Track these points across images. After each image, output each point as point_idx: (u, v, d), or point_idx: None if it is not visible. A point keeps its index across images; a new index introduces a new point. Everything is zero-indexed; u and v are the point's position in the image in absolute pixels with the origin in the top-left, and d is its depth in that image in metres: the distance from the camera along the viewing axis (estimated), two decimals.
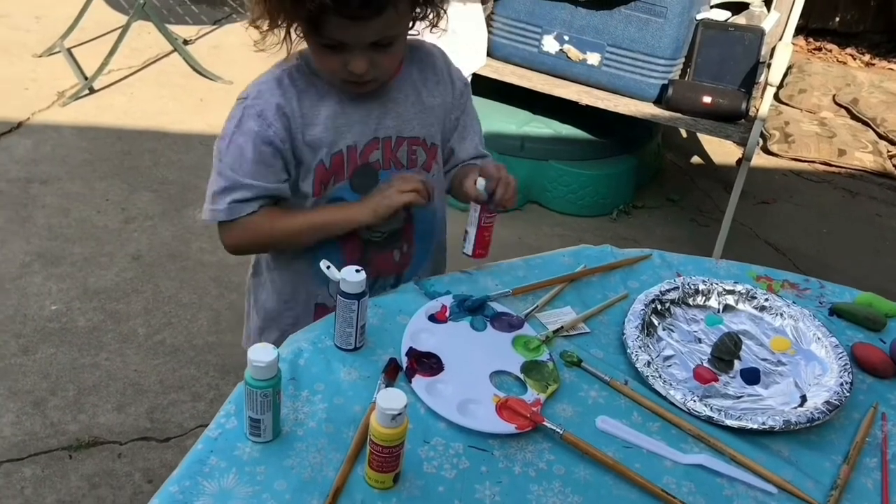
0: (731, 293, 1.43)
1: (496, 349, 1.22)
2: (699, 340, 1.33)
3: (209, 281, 2.57)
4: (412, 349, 1.18)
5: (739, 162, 2.86)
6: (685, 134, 4.02)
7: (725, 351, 1.29)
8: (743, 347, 1.31)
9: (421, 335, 1.21)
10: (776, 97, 4.30)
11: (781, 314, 1.39)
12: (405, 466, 0.99)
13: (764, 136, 4.00)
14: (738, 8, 3.11)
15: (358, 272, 1.12)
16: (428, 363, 1.16)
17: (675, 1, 2.80)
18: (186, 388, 2.17)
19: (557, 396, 1.15)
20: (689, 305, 1.41)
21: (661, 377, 1.20)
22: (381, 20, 1.13)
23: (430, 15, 1.23)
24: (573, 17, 2.95)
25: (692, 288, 1.42)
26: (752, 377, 1.26)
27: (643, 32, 2.87)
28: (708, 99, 2.86)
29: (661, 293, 1.38)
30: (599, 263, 1.47)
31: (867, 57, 5.36)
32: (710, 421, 1.14)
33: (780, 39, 2.87)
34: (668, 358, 1.28)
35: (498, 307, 1.30)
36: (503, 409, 1.10)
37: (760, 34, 2.90)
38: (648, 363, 1.22)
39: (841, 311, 1.44)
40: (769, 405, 1.20)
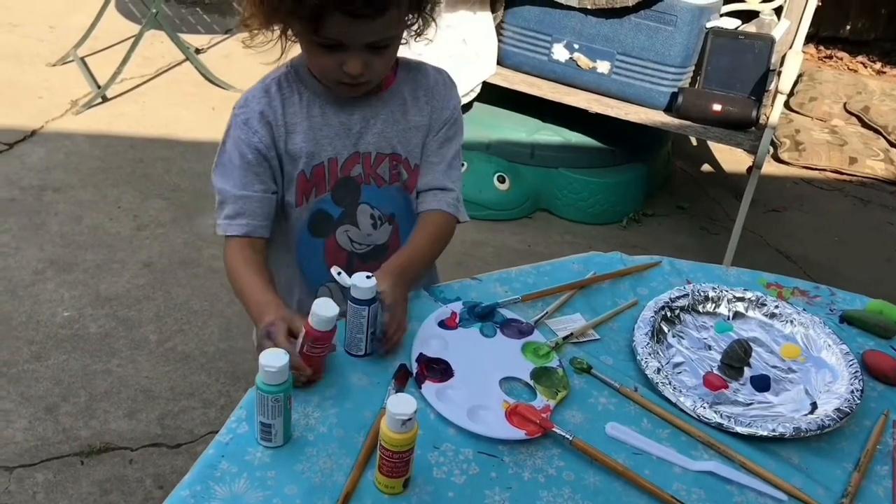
0: (741, 300, 1.42)
1: (506, 355, 1.23)
2: (709, 347, 1.33)
3: (220, 288, 2.58)
4: (422, 355, 1.18)
5: (750, 170, 2.86)
6: (695, 142, 4.02)
7: (735, 358, 1.29)
8: (753, 354, 1.31)
9: (431, 341, 1.22)
10: (787, 105, 4.30)
11: (792, 321, 1.39)
12: (415, 472, 1.00)
13: (774, 144, 4.00)
14: (748, 16, 3.12)
15: (368, 278, 1.13)
16: (438, 369, 1.17)
17: (685, 9, 2.81)
18: (197, 394, 2.18)
19: (567, 403, 1.16)
20: (698, 312, 1.41)
21: (670, 384, 1.20)
22: (382, 20, 1.14)
23: (418, 22, 1.23)
24: (583, 25, 2.95)
25: (702, 295, 1.42)
26: (762, 384, 1.26)
27: (653, 40, 2.87)
28: (718, 107, 2.86)
29: (670, 300, 1.38)
30: (609, 270, 1.47)
31: (878, 65, 5.34)
32: (720, 428, 1.14)
33: (790, 47, 2.87)
34: (677, 365, 1.28)
35: (508, 313, 1.31)
36: (513, 415, 1.10)
37: (771, 42, 2.90)
38: (658, 370, 1.22)
39: (851, 318, 1.44)
40: (779, 412, 1.20)
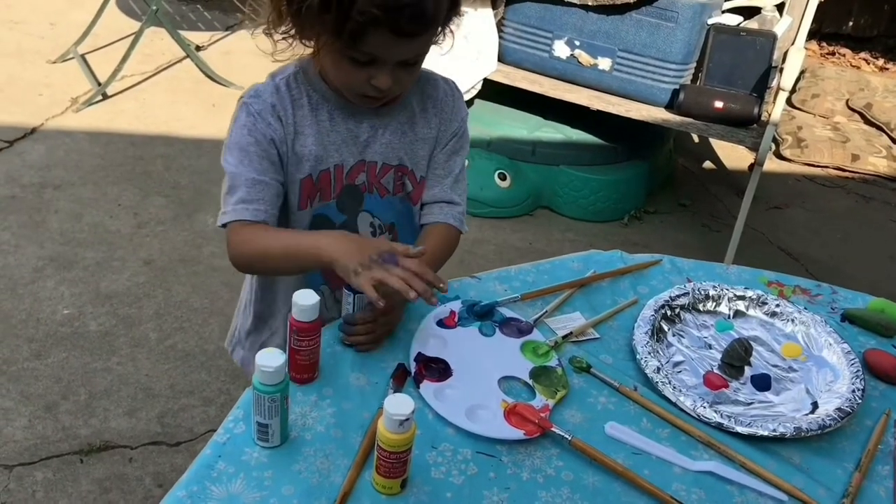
0: (741, 299, 1.42)
1: (505, 354, 1.22)
2: (709, 346, 1.32)
3: (220, 286, 2.58)
4: (420, 354, 1.18)
5: (752, 167, 2.85)
6: (697, 139, 4.01)
7: (736, 357, 1.28)
8: (754, 353, 1.30)
9: (429, 340, 1.21)
10: (789, 102, 4.28)
11: (793, 320, 1.39)
12: (413, 472, 0.99)
13: (776, 140, 3.98)
14: (750, 12, 3.10)
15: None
16: (436, 368, 1.16)
17: (686, 5, 2.80)
18: (197, 392, 2.18)
19: (566, 402, 1.15)
20: (699, 311, 1.40)
21: (670, 383, 1.19)
22: (423, 38, 1.13)
23: (441, 36, 1.21)
24: (584, 22, 2.94)
25: (702, 293, 1.41)
26: (762, 383, 1.25)
27: (654, 37, 2.86)
28: (720, 104, 2.85)
29: (671, 298, 1.37)
30: (609, 269, 1.47)
31: (881, 61, 5.33)
32: (720, 427, 1.14)
33: (792, 44, 2.86)
34: (677, 364, 1.27)
35: (507, 312, 1.30)
36: (511, 414, 1.10)
37: (773, 38, 2.88)
38: (658, 369, 1.21)
39: (853, 317, 1.43)
40: (780, 412, 1.20)
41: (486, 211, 3.07)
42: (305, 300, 1.05)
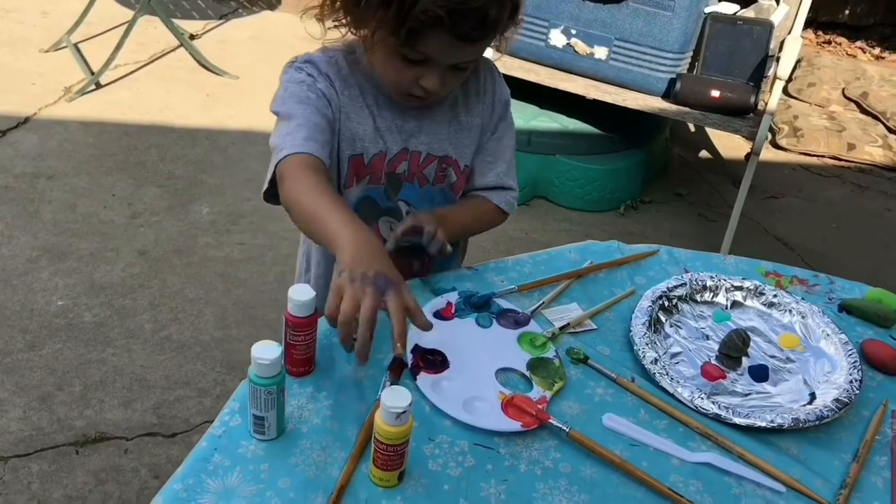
0: (739, 289, 1.41)
1: (502, 346, 1.22)
2: (707, 337, 1.32)
3: (215, 276, 2.57)
4: (417, 346, 1.17)
5: (748, 156, 2.84)
6: (693, 128, 4.00)
7: (733, 348, 1.28)
8: (751, 344, 1.30)
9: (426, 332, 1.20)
10: (785, 91, 4.28)
11: (790, 310, 1.38)
12: (410, 464, 0.99)
13: (773, 130, 3.98)
14: (746, 1, 3.09)
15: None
16: (433, 360, 1.16)
17: None
18: (193, 383, 2.17)
19: (563, 394, 1.15)
20: (696, 302, 1.39)
21: (668, 374, 1.19)
22: (481, 44, 1.12)
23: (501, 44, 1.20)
24: (580, 10, 2.93)
25: (700, 284, 1.41)
26: (760, 374, 1.25)
27: (651, 26, 2.85)
28: (716, 93, 2.84)
29: (668, 289, 1.37)
30: (606, 259, 1.46)
31: (877, 50, 5.32)
32: (717, 419, 1.13)
33: (789, 33, 2.85)
34: (675, 355, 1.27)
35: (504, 304, 1.30)
36: (509, 406, 1.09)
37: (769, 27, 2.87)
38: (655, 360, 1.21)
39: (850, 307, 1.43)
40: (778, 403, 1.19)
41: None
42: (301, 295, 1.05)
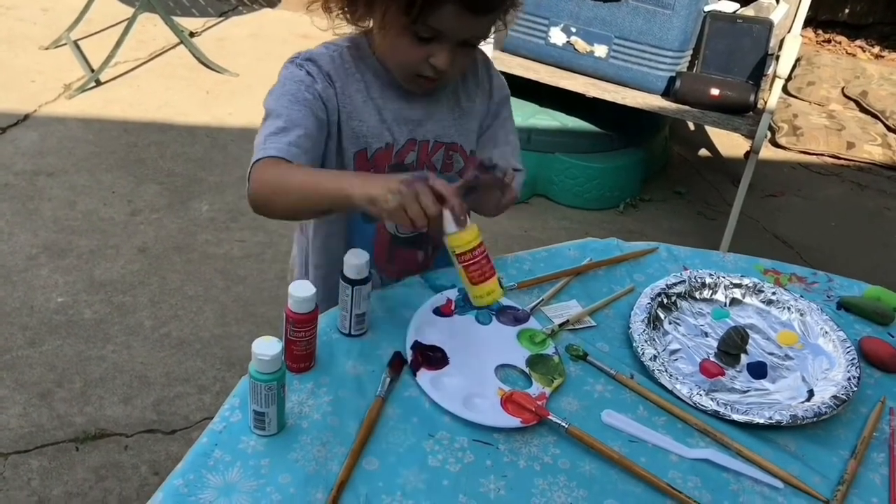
0: (738, 287, 1.42)
1: (501, 343, 1.22)
2: (706, 334, 1.32)
3: (215, 273, 2.57)
4: (417, 343, 1.17)
5: (747, 155, 2.85)
6: (693, 126, 4.00)
7: (732, 345, 1.28)
8: (750, 341, 1.30)
9: (426, 329, 1.21)
10: (784, 89, 4.28)
11: (789, 308, 1.39)
12: (408, 460, 0.99)
13: (772, 128, 3.98)
14: None
15: (359, 257, 1.12)
16: (433, 357, 1.16)
17: None
18: (192, 380, 2.17)
19: (563, 390, 1.15)
20: (695, 299, 1.40)
21: (667, 371, 1.19)
22: (490, 17, 1.14)
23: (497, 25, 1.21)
24: (580, 8, 2.93)
25: (699, 281, 1.41)
26: (758, 371, 1.25)
27: (651, 24, 2.85)
28: (716, 91, 2.85)
29: (667, 286, 1.37)
30: (605, 257, 1.47)
31: (877, 49, 5.32)
32: (716, 415, 1.14)
33: (788, 31, 2.85)
34: (674, 352, 1.27)
35: (503, 301, 1.30)
36: (508, 402, 1.10)
37: (769, 26, 2.88)
38: (654, 357, 1.21)
39: (849, 304, 1.44)
40: (776, 399, 1.20)
41: None
42: (302, 292, 1.05)
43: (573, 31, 2.97)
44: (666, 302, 1.36)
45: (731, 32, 2.89)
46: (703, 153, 3.88)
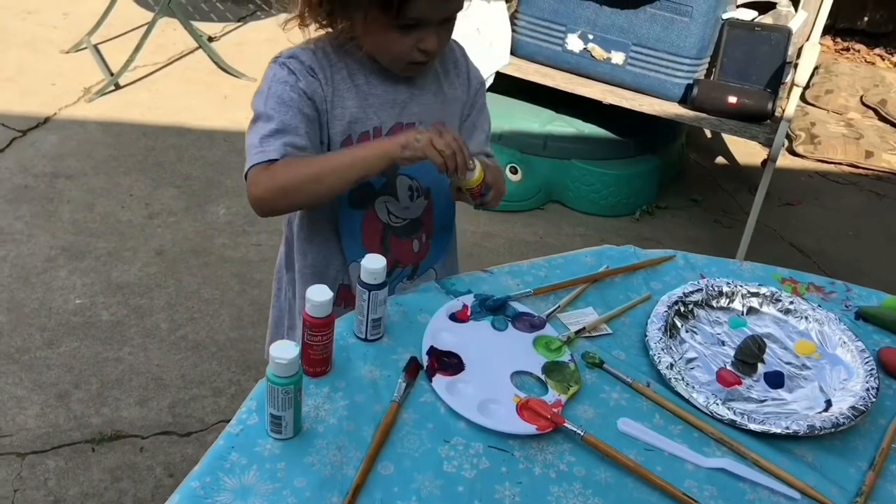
0: (755, 295, 1.41)
1: (517, 349, 1.22)
2: (722, 343, 1.32)
3: (231, 277, 2.58)
4: (433, 348, 1.18)
5: (764, 163, 2.84)
6: (710, 134, 3.99)
7: (749, 354, 1.27)
8: (767, 351, 1.30)
9: (442, 334, 1.21)
10: (802, 98, 4.25)
11: (806, 317, 1.38)
12: (424, 465, 1.00)
13: (790, 137, 3.96)
14: (764, 7, 3.08)
15: (376, 262, 1.13)
16: (449, 362, 1.16)
17: (701, 0, 2.78)
18: (208, 383, 2.19)
19: (579, 398, 1.15)
20: (712, 307, 1.39)
21: (683, 379, 1.19)
22: None
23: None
24: (598, 15, 2.93)
25: (716, 290, 1.40)
26: (776, 381, 1.24)
27: (668, 32, 2.85)
28: (733, 99, 2.84)
29: (684, 295, 1.37)
30: (622, 264, 1.46)
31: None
32: (732, 425, 1.13)
33: (807, 39, 2.84)
34: (690, 360, 1.27)
35: (519, 307, 1.30)
36: (524, 409, 1.10)
37: (787, 34, 2.87)
38: (671, 365, 1.21)
39: (867, 314, 1.43)
40: (793, 409, 1.19)
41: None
42: (319, 296, 1.06)
43: (590, 37, 2.97)
44: (683, 310, 1.35)
45: (749, 40, 2.88)
46: (719, 161, 3.86)
